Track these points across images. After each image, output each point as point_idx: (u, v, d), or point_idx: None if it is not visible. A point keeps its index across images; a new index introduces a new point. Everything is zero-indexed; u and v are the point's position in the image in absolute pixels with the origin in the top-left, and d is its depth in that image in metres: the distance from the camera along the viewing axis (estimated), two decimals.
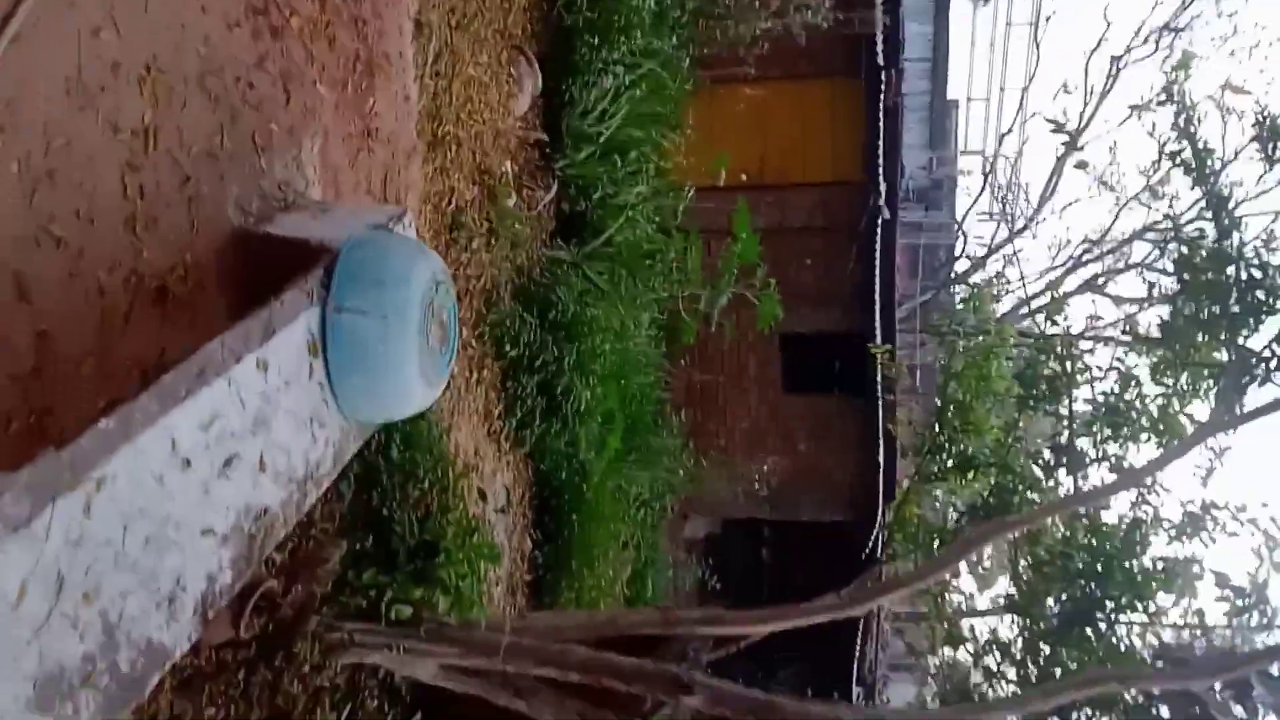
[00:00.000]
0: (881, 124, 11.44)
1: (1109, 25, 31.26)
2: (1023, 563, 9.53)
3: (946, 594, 11.15)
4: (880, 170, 11.47)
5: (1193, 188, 10.12)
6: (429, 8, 5.45)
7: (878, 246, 11.44)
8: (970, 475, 9.37)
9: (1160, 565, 8.97)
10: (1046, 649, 9.06)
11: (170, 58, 3.12)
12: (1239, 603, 8.93)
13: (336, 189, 4.23)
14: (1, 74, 2.48)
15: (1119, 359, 10.61)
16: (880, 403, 11.45)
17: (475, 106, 6.40)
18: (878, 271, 11.44)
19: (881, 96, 11.38)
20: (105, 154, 2.88)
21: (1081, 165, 20.03)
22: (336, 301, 3.13)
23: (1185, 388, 9.54)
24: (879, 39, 11.30)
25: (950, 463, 9.51)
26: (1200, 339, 9.28)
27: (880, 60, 11.36)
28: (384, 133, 4.77)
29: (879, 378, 11.27)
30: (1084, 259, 21.44)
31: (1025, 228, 22.03)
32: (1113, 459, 9.64)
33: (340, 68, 4.29)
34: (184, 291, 3.20)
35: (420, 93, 5.38)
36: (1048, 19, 22.07)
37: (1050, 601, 9.14)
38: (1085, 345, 12.43)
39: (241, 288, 3.38)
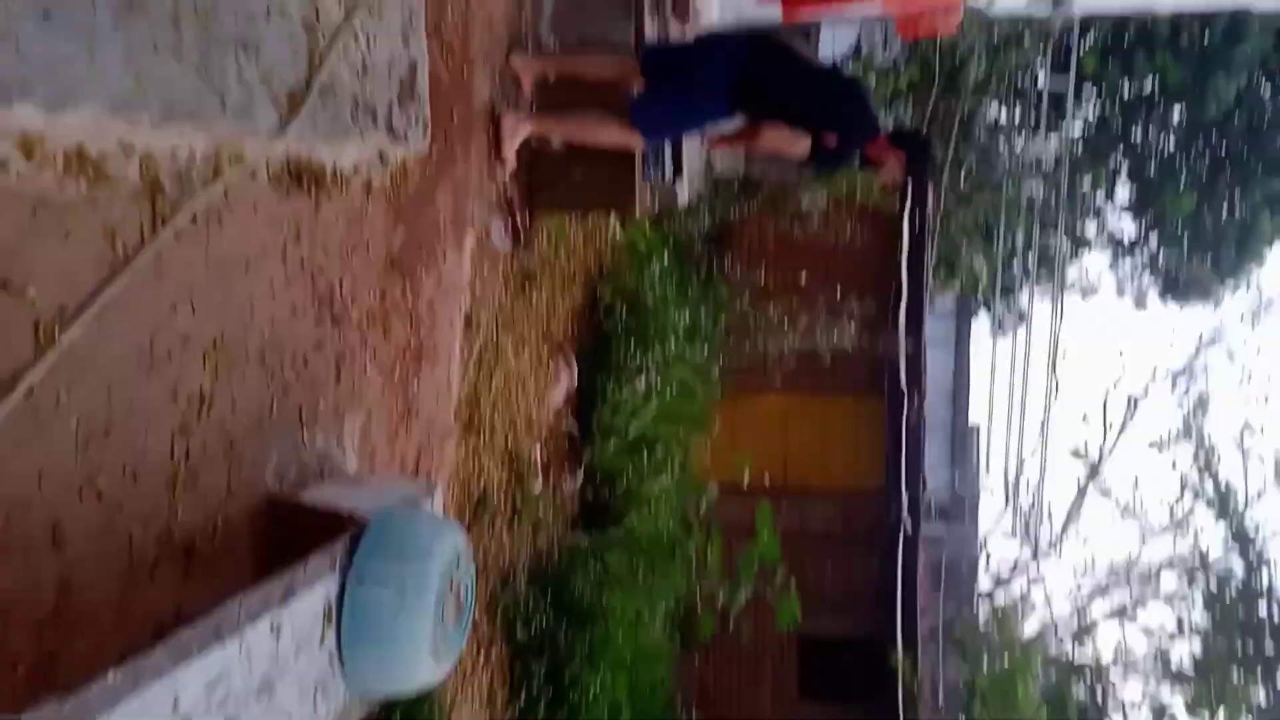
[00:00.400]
0: (904, 439, 11.77)
1: (1124, 360, 32.52)
2: None
3: None
4: (902, 483, 11.67)
5: (1217, 521, 10.17)
6: (480, 308, 5.88)
7: (899, 556, 11.42)
8: None
9: None
10: None
11: (236, 335, 3.37)
12: None
13: (372, 463, 4.41)
14: (82, 338, 2.70)
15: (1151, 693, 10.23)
16: (900, 716, 10.99)
17: (512, 396, 6.72)
18: (899, 581, 11.35)
19: (904, 414, 11.79)
20: (161, 417, 3.04)
21: (1105, 493, 20.15)
22: (358, 571, 3.20)
23: None
24: (902, 361, 11.87)
25: None
26: (1236, 677, 9.02)
27: (903, 381, 11.87)
28: (423, 415, 5.01)
29: (899, 689, 10.89)
30: (1110, 587, 21.00)
31: (1049, 550, 21.77)
32: None
33: (391, 354, 4.60)
34: (211, 551, 3.29)
35: (463, 380, 5.69)
36: (1064, 355, 22.98)
37: None
38: (1115, 674, 12.02)
39: (268, 552, 3.46)
